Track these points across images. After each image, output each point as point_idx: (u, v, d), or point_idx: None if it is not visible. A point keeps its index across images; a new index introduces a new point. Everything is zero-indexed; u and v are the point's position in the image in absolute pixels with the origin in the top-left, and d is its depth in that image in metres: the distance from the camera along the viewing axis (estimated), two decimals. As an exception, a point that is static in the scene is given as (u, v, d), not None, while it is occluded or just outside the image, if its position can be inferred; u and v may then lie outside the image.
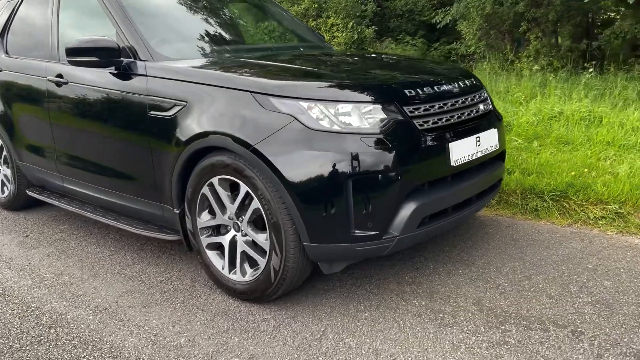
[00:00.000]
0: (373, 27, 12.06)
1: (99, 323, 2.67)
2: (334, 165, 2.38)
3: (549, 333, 2.39)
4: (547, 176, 4.05)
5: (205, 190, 2.78)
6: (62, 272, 3.27)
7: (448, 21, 10.40)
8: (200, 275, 3.13)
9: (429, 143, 2.56)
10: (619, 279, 2.87)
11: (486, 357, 2.24)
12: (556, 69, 7.96)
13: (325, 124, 2.42)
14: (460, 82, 2.92)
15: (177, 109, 2.82)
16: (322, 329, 2.52)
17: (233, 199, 2.72)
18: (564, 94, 6.09)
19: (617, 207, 3.61)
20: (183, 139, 2.77)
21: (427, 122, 2.60)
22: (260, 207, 2.55)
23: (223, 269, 2.85)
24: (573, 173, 3.96)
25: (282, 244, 2.51)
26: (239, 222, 2.74)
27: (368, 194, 2.42)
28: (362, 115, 2.47)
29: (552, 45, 8.92)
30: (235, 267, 2.81)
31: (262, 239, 2.61)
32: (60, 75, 3.53)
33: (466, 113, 2.84)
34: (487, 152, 2.91)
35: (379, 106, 2.50)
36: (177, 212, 2.99)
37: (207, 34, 3.63)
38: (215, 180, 2.72)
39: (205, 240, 2.89)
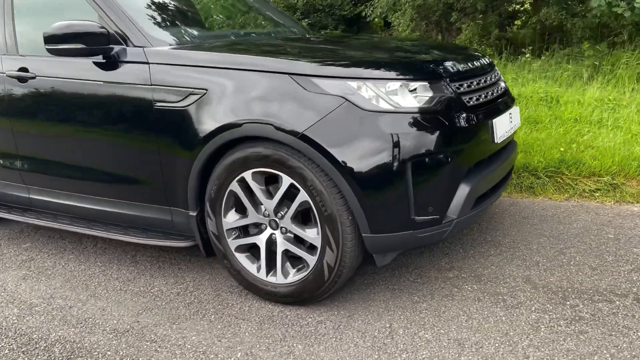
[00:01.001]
0: (306, 20, 11.95)
1: (128, 347, 2.31)
2: (393, 147, 2.21)
3: (614, 303, 2.38)
4: (536, 154, 4.12)
5: (234, 186, 2.49)
6: (51, 296, 2.82)
7: (378, 13, 10.50)
8: (221, 282, 2.82)
9: (477, 120, 2.46)
10: (644, 245, 2.95)
11: (570, 334, 2.18)
12: (491, 55, 8.26)
13: (378, 103, 2.24)
14: (482, 60, 2.86)
15: (193, 98, 2.50)
16: (388, 325, 2.34)
17: (269, 194, 2.46)
18: (518, 76, 6.30)
19: (610, 178, 3.74)
20: (205, 131, 2.46)
21: (472, 98, 2.50)
22: (310, 200, 2.32)
23: (259, 272, 2.58)
24: (562, 149, 4.06)
25: (338, 237, 2.30)
26: (277, 219, 2.48)
27: (428, 176, 2.28)
28: (413, 93, 2.31)
29: (481, 35, 9.27)
30: (274, 268, 2.55)
31: (312, 234, 2.38)
32: (24, 69, 3.04)
33: (496, 90, 2.78)
34: (515, 129, 2.88)
35: (430, 83, 2.36)
36: (194, 214, 2.66)
37: (198, 19, 3.30)
38: (248, 174, 2.44)
39: (233, 242, 2.60)
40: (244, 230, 2.64)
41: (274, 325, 2.40)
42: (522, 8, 10.51)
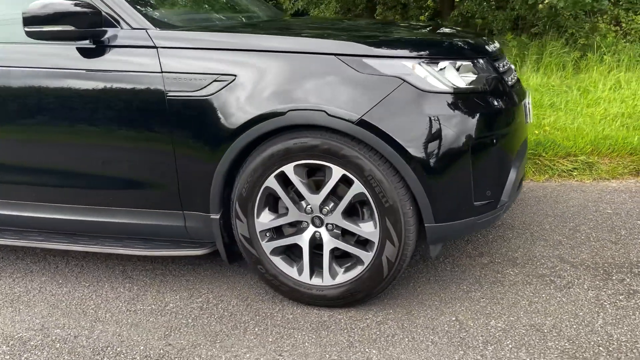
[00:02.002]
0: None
1: (175, 376, 1.98)
2: (456, 130, 2.09)
3: (656, 274, 2.45)
4: (511, 138, 4.21)
5: (271, 182, 2.24)
6: (43, 326, 2.38)
7: (300, 7, 10.35)
8: (245, 291, 2.54)
9: (518, 100, 2.42)
10: (644, 217, 3.10)
11: (634, 308, 2.20)
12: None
13: (434, 83, 2.11)
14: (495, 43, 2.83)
15: (218, 85, 2.21)
16: (453, 318, 2.22)
17: (313, 188, 2.24)
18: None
19: (586, 157, 3.92)
20: (236, 122, 2.18)
21: (508, 78, 2.45)
22: (366, 191, 2.13)
23: (301, 274, 2.34)
24: (536, 132, 4.20)
25: (401, 229, 2.14)
26: (321, 215, 2.26)
27: (487, 158, 2.19)
28: (461, 73, 2.21)
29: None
30: (317, 269, 2.33)
31: (368, 228, 2.19)
32: (-19, 59, 2.53)
33: (513, 73, 2.76)
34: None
35: (474, 63, 2.26)
36: (217, 217, 2.37)
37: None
38: (289, 167, 2.20)
39: (268, 245, 2.34)
40: (277, 231, 2.39)
41: (332, 331, 2.19)
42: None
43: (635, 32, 6.91)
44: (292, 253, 2.41)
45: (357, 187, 2.15)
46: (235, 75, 2.19)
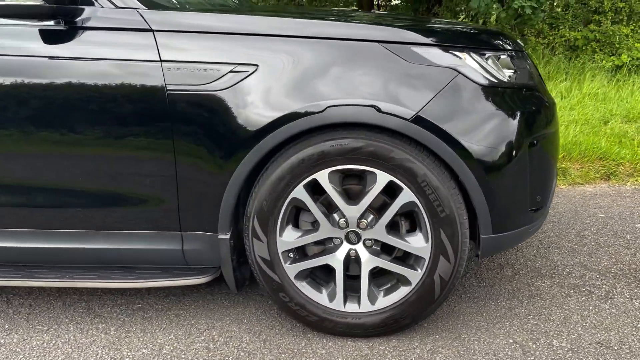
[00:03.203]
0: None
1: None
2: (514, 127, 1.87)
3: (686, 278, 2.38)
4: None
5: (300, 192, 1.88)
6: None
7: None
8: (255, 323, 2.14)
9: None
10: None
11: (687, 315, 2.09)
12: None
13: (488, 76, 1.87)
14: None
15: (235, 77, 1.82)
16: (510, 340, 1.98)
17: (349, 199, 1.91)
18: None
19: (559, 163, 3.91)
20: (260, 121, 1.81)
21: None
22: (417, 200, 1.84)
23: (332, 301, 1.99)
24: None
25: (458, 243, 1.87)
26: (359, 230, 1.93)
27: (540, 160, 1.99)
28: (504, 66, 2.00)
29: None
30: (351, 294, 1.99)
31: (417, 243, 1.90)
32: None
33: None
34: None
35: (517, 55, 2.07)
36: (226, 237, 1.96)
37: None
38: (323, 175, 1.86)
39: (292, 268, 1.97)
40: (299, 252, 2.02)
41: (382, 367, 1.86)
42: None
43: (559, 46, 7.27)
44: (318, 277, 2.05)
45: (407, 196, 1.84)
46: (257, 65, 1.82)
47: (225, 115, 1.82)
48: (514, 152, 1.85)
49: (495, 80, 1.87)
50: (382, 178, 1.83)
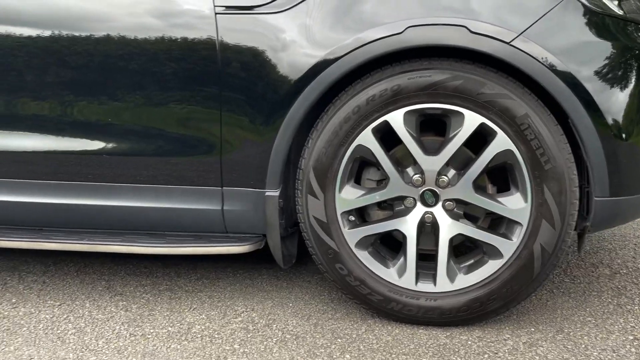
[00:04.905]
0: None
1: None
2: (637, 68, 1.51)
3: None
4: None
5: (366, 139, 1.55)
6: (-5, 359, 1.49)
7: None
8: (302, 307, 1.78)
9: None
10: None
11: None
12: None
13: (599, 3, 1.53)
14: None
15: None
16: (631, 337, 1.55)
17: (426, 148, 1.56)
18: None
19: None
20: (324, 46, 1.50)
21: None
22: (514, 148, 1.48)
23: (401, 277, 1.61)
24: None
25: (565, 203, 1.48)
26: (439, 188, 1.57)
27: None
28: None
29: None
30: (423, 271, 1.61)
31: (515, 203, 1.52)
32: None
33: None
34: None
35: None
36: (275, 193, 1.62)
37: None
38: (397, 115, 1.52)
39: (353, 234, 1.61)
40: (359, 214, 1.67)
41: (466, 358, 1.45)
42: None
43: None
44: (383, 247, 1.69)
45: (502, 142, 1.49)
46: (319, -16, 1.52)
47: (283, 39, 1.52)
48: (635, 96, 1.48)
49: (615, 10, 1.53)
50: (471, 119, 1.49)
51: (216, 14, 1.54)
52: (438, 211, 1.58)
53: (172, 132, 1.62)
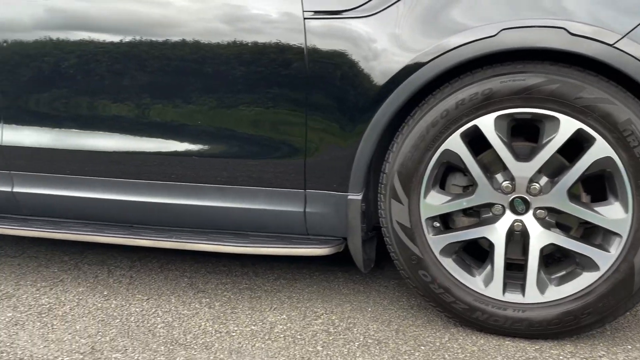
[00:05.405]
0: None
1: None
2: None
3: None
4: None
5: (454, 143, 1.51)
6: (99, 349, 1.57)
7: None
8: (382, 312, 1.77)
9: None
10: None
11: None
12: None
13: None
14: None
15: (384, 2, 1.52)
16: None
17: (517, 154, 1.51)
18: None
19: None
20: (413, 50, 1.48)
21: None
22: (615, 155, 1.40)
23: (488, 286, 1.56)
24: None
25: (671, 215, 1.39)
26: (529, 196, 1.51)
27: None
28: None
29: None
30: (510, 281, 1.56)
31: (614, 213, 1.44)
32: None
33: None
34: None
35: None
36: (358, 197, 1.62)
37: None
38: (488, 120, 1.48)
39: (438, 240, 1.58)
40: (443, 220, 1.63)
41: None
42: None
43: None
44: (467, 255, 1.65)
45: (601, 149, 1.42)
46: (411, -15, 1.51)
47: (370, 43, 1.52)
48: None
49: None
50: (568, 125, 1.43)
51: (305, 19, 1.56)
52: (528, 219, 1.52)
53: (256, 134, 1.65)
